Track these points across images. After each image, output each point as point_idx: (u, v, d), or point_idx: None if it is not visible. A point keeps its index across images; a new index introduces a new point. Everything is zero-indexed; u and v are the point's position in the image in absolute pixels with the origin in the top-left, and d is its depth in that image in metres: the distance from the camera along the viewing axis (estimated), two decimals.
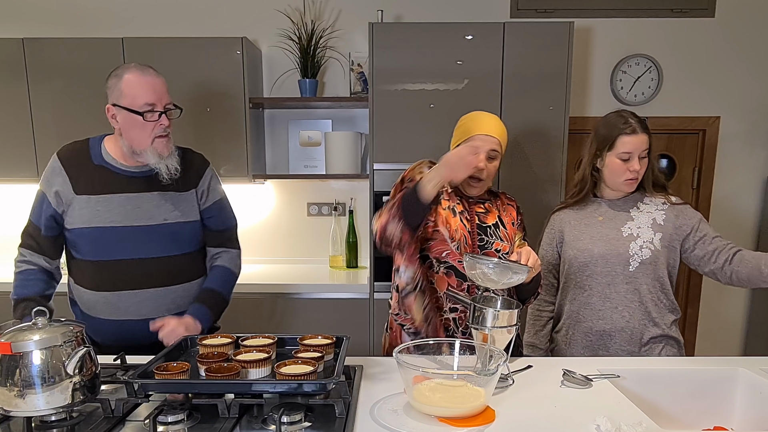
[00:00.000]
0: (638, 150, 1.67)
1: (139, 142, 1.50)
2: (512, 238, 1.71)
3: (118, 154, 1.58)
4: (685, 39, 3.10)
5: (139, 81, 1.47)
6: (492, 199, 1.75)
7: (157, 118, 1.48)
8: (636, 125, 1.67)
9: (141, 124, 1.47)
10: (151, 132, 1.48)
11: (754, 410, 1.42)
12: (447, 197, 1.66)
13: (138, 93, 1.46)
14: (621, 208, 1.77)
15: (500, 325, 1.33)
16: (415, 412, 1.19)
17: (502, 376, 1.36)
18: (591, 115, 3.18)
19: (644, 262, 1.69)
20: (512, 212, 1.76)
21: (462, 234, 1.62)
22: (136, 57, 2.81)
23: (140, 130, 1.48)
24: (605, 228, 1.75)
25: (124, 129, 1.50)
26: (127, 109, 1.46)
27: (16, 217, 3.28)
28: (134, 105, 1.46)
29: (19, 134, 2.88)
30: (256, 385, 1.18)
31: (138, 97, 1.46)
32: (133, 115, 1.46)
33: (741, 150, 3.21)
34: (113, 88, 1.49)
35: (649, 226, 1.72)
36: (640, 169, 1.68)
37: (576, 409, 1.22)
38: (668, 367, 1.48)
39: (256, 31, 3.10)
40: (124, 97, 1.47)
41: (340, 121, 3.20)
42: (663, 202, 1.76)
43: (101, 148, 1.59)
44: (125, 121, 1.48)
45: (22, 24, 3.11)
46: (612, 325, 1.71)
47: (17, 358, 1.06)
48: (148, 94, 1.47)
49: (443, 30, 2.65)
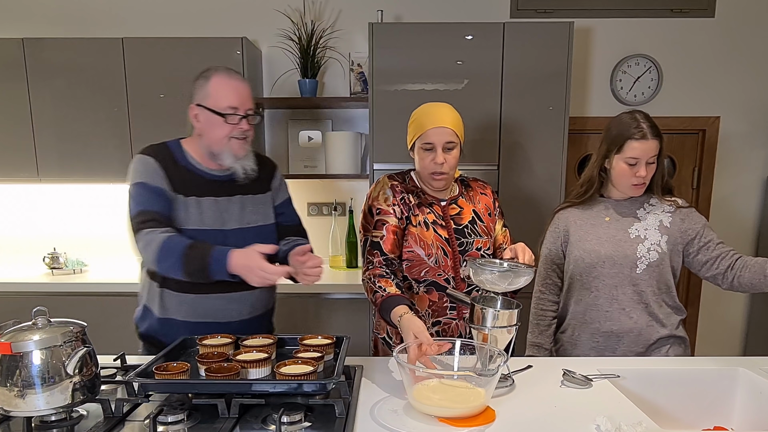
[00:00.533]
0: (646, 156, 1.64)
1: (217, 143, 1.52)
2: (491, 229, 1.71)
3: (198, 156, 1.58)
4: (685, 39, 3.10)
5: (225, 84, 1.50)
6: (465, 192, 1.72)
7: (237, 122, 1.50)
8: (647, 130, 1.63)
9: (221, 125, 1.50)
10: (229, 133, 1.51)
11: (754, 410, 1.42)
12: (417, 212, 1.63)
13: (223, 95, 1.49)
14: (628, 209, 1.75)
15: (500, 325, 1.33)
16: (415, 412, 1.19)
17: (503, 376, 1.36)
18: (591, 115, 3.18)
19: (651, 265, 1.68)
20: (487, 201, 1.74)
21: (439, 245, 1.61)
22: (136, 57, 2.82)
23: (220, 131, 1.50)
24: (612, 229, 1.73)
25: (204, 129, 1.53)
26: (210, 110, 1.49)
27: (16, 217, 3.29)
28: (217, 106, 1.49)
29: (19, 134, 2.88)
30: (256, 385, 1.18)
31: (222, 99, 1.49)
32: (215, 116, 1.49)
33: (741, 150, 3.21)
34: (199, 88, 1.52)
35: (656, 228, 1.70)
36: (646, 174, 1.66)
37: (576, 409, 1.22)
38: (668, 367, 1.48)
39: (256, 31, 3.10)
40: (209, 97, 1.50)
41: (340, 121, 3.20)
42: (670, 205, 1.74)
43: (182, 150, 1.59)
44: (206, 122, 1.51)
45: (22, 24, 3.11)
46: (620, 326, 1.69)
47: (17, 358, 1.06)
48: (232, 97, 1.49)
49: (443, 30, 2.65)
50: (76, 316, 1.29)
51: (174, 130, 1.64)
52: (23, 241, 3.27)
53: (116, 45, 2.81)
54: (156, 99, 2.85)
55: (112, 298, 2.79)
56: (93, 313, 2.70)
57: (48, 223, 3.27)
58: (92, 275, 3.00)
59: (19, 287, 2.82)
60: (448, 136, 1.57)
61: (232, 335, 1.41)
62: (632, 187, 1.69)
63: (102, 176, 2.95)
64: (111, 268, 3.13)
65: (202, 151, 1.56)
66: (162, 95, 2.85)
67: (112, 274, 3.01)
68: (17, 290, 2.81)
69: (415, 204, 1.65)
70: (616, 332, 1.70)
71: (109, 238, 3.28)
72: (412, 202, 1.64)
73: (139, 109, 2.86)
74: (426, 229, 1.62)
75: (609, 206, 1.77)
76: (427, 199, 1.67)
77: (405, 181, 1.70)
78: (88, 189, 3.24)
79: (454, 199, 1.69)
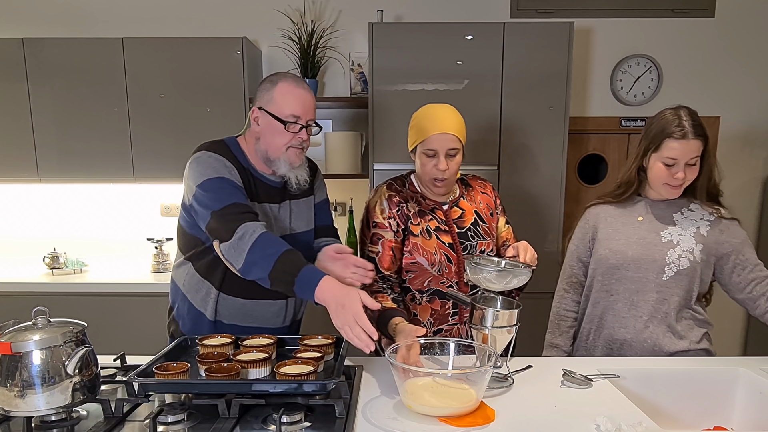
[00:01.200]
0: (685, 157, 1.51)
1: (275, 150, 1.49)
2: (493, 229, 1.69)
3: (253, 159, 1.55)
4: (685, 39, 3.10)
5: (291, 91, 1.47)
6: (465, 192, 1.70)
7: (297, 131, 1.48)
8: (689, 129, 1.50)
9: (281, 132, 1.47)
10: (288, 142, 1.48)
11: (754, 410, 1.42)
12: (417, 221, 1.61)
13: (287, 102, 1.46)
14: (664, 211, 1.63)
15: (500, 325, 1.33)
16: (415, 413, 1.19)
17: (502, 376, 1.36)
18: (591, 115, 3.18)
19: (680, 273, 1.56)
20: (488, 200, 1.71)
21: (443, 252, 1.59)
22: (136, 57, 2.82)
23: (278, 138, 1.48)
24: (644, 230, 1.62)
25: (263, 134, 1.50)
26: (272, 115, 1.46)
27: (16, 217, 3.29)
28: (280, 113, 1.46)
29: (19, 134, 2.88)
30: (256, 385, 1.18)
31: (286, 107, 1.46)
32: (276, 123, 1.46)
33: (741, 150, 3.21)
34: (264, 92, 1.49)
35: (691, 234, 1.58)
36: (685, 177, 1.53)
37: (576, 409, 1.22)
38: (668, 367, 1.48)
39: (256, 31, 3.10)
40: (273, 103, 1.47)
41: (340, 121, 3.20)
42: (711, 213, 1.60)
43: (242, 152, 1.55)
44: (266, 127, 1.48)
45: (22, 24, 3.11)
46: (633, 334, 1.60)
47: (17, 358, 1.06)
48: (296, 105, 1.47)
49: (443, 30, 2.65)
50: (76, 316, 1.28)
51: (174, 130, 1.64)
52: (23, 241, 3.27)
53: (116, 45, 2.81)
54: (156, 99, 2.85)
55: (112, 298, 2.79)
56: (93, 313, 2.71)
57: (48, 223, 3.27)
58: (92, 275, 3.00)
59: (19, 287, 2.82)
60: (451, 143, 1.54)
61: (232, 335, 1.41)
62: (667, 189, 1.57)
63: (102, 176, 2.96)
64: (111, 268, 3.13)
65: (258, 155, 1.53)
66: (162, 95, 2.85)
67: (112, 274, 3.01)
68: (17, 290, 2.81)
69: (415, 212, 1.62)
70: (629, 340, 1.61)
71: (109, 238, 3.28)
72: (411, 211, 1.62)
73: (139, 109, 2.86)
74: (428, 237, 1.60)
75: (645, 206, 1.65)
76: (428, 204, 1.64)
77: (405, 186, 1.67)
78: (88, 189, 3.24)
79: (455, 202, 1.67)
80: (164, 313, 1.70)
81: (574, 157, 3.22)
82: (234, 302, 1.54)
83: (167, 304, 1.69)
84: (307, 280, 1.27)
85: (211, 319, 1.54)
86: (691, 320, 1.62)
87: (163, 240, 3.06)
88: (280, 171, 1.52)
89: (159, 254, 3.04)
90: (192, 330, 1.56)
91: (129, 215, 3.27)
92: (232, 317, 1.54)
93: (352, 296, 1.23)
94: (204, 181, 1.42)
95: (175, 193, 3.24)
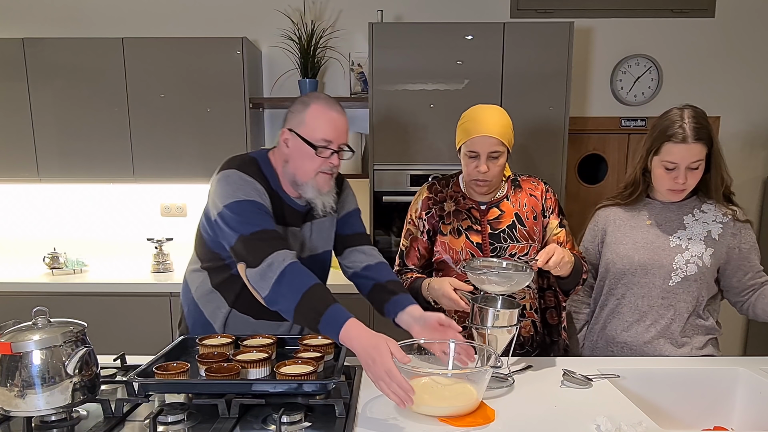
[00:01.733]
0: (685, 161, 1.46)
1: (303, 174, 1.43)
2: (533, 234, 1.62)
3: (282, 180, 1.49)
4: (685, 39, 3.10)
5: (323, 114, 1.41)
6: (512, 194, 1.65)
7: (328, 156, 1.41)
8: (689, 132, 1.44)
9: (311, 157, 1.41)
10: (318, 167, 1.41)
11: (754, 410, 1.42)
12: (450, 220, 1.63)
13: (319, 126, 1.40)
14: (674, 214, 1.58)
15: (500, 325, 1.33)
16: (415, 413, 1.19)
17: (503, 376, 1.36)
18: (591, 115, 3.18)
19: (687, 278, 1.52)
20: (534, 203, 1.63)
21: (468, 251, 1.59)
22: (136, 57, 2.82)
23: (308, 163, 1.41)
24: (652, 234, 1.58)
25: (291, 157, 1.43)
26: (302, 138, 1.40)
27: (16, 217, 3.29)
28: (311, 137, 1.39)
29: (19, 134, 2.88)
30: (256, 385, 1.18)
31: (317, 131, 1.39)
32: (306, 147, 1.40)
33: (741, 150, 3.21)
34: (296, 113, 1.43)
35: (701, 239, 1.53)
36: (686, 182, 1.48)
37: (576, 409, 1.22)
38: (668, 367, 1.48)
39: (256, 31, 3.10)
40: (304, 126, 1.40)
41: None
42: (724, 214, 1.54)
43: (273, 171, 1.48)
44: (296, 150, 1.42)
45: (22, 24, 3.11)
46: (634, 339, 1.59)
47: (17, 358, 1.06)
48: (328, 129, 1.40)
49: (443, 30, 2.65)
50: (76, 316, 1.29)
51: (174, 130, 1.63)
52: (23, 241, 3.28)
53: (116, 45, 2.81)
54: (156, 99, 2.85)
55: (112, 298, 2.79)
56: (93, 313, 2.71)
57: (48, 223, 3.27)
58: (92, 275, 3.00)
59: (19, 287, 2.82)
60: (494, 146, 1.52)
61: (232, 335, 1.41)
62: (670, 193, 1.54)
63: (102, 176, 2.96)
64: (111, 268, 3.13)
65: (285, 177, 1.47)
66: (162, 95, 2.85)
67: (112, 274, 3.01)
68: (17, 290, 2.81)
69: (450, 211, 1.64)
70: (630, 344, 1.60)
71: (109, 238, 3.28)
72: (446, 210, 1.64)
73: (139, 109, 2.86)
74: (456, 237, 1.61)
75: (654, 209, 1.61)
76: (465, 204, 1.64)
77: (449, 185, 1.68)
78: (88, 189, 3.24)
79: (496, 203, 1.63)
80: (164, 313, 1.70)
81: (574, 157, 3.22)
82: (245, 320, 1.53)
83: (167, 304, 1.69)
84: (333, 320, 1.22)
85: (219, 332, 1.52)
86: (696, 327, 1.59)
87: (163, 240, 3.05)
88: (307, 195, 1.46)
89: (159, 254, 3.04)
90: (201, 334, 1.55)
91: (129, 215, 3.27)
92: (239, 332, 1.51)
93: (382, 350, 1.15)
94: (233, 203, 1.36)
95: (175, 193, 3.24)
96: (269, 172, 1.47)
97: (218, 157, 2.99)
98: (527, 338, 1.63)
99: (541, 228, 1.64)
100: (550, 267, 1.36)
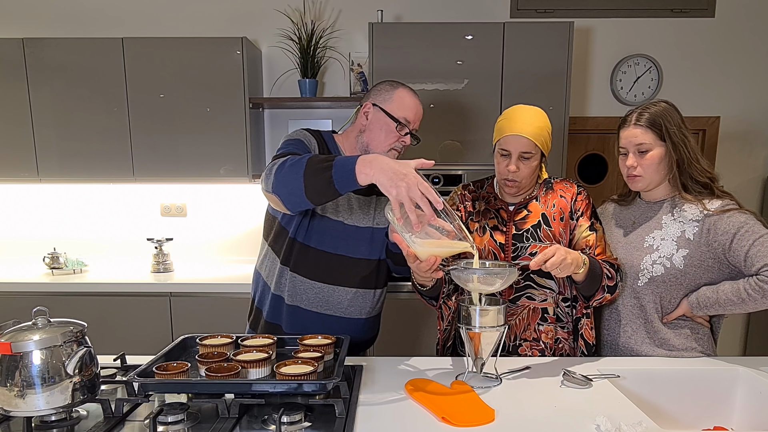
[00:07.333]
0: (630, 145, 1.51)
1: (377, 145, 1.55)
2: (560, 234, 1.59)
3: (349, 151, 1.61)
4: (685, 39, 3.10)
5: (409, 98, 1.57)
6: (543, 195, 1.63)
7: (404, 134, 1.56)
8: (632, 118, 1.51)
9: (389, 131, 1.55)
10: (392, 143, 1.55)
11: (754, 410, 1.42)
12: (478, 218, 1.64)
13: (404, 105, 1.55)
14: (656, 213, 1.58)
15: (486, 324, 1.31)
16: (415, 412, 1.19)
17: (491, 375, 1.37)
18: (591, 115, 3.18)
19: (654, 279, 1.52)
20: (563, 204, 1.60)
21: (490, 250, 1.59)
22: (136, 57, 2.82)
23: (384, 135, 1.55)
24: (633, 234, 1.60)
25: (370, 127, 1.56)
26: (386, 113, 1.54)
27: (16, 217, 3.29)
28: (395, 112, 1.54)
29: (19, 134, 2.89)
30: (256, 385, 1.18)
31: (402, 109, 1.55)
32: (389, 120, 1.54)
33: (741, 150, 3.21)
34: (383, 91, 1.57)
35: (674, 239, 1.51)
36: (632, 165, 1.52)
37: (576, 409, 1.22)
38: (668, 367, 1.48)
39: (256, 31, 3.10)
40: (390, 102, 1.55)
41: (340, 121, 3.20)
42: (701, 211, 1.49)
43: (336, 145, 1.62)
44: (376, 122, 1.55)
45: (22, 24, 3.11)
46: (613, 338, 1.61)
47: (17, 358, 1.06)
48: (410, 112, 1.56)
49: (443, 30, 2.65)
50: (76, 316, 1.28)
51: (174, 130, 1.64)
52: (23, 241, 3.28)
53: (116, 45, 2.81)
54: (156, 99, 2.85)
55: (112, 298, 2.79)
56: (93, 313, 2.71)
57: (48, 223, 3.27)
58: (92, 275, 3.00)
59: (19, 287, 2.82)
60: (525, 146, 1.52)
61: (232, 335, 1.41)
62: (628, 180, 1.58)
63: (102, 176, 2.96)
64: (111, 268, 3.13)
65: (357, 147, 1.59)
66: (162, 95, 2.85)
67: (112, 274, 3.01)
68: (17, 290, 2.81)
69: (480, 210, 1.65)
70: (610, 343, 1.62)
71: (109, 238, 3.28)
72: (476, 209, 1.65)
73: (139, 109, 2.86)
74: (481, 235, 1.62)
75: (639, 208, 1.63)
76: (495, 204, 1.65)
77: (482, 187, 1.70)
78: (88, 189, 3.24)
79: (525, 204, 1.63)
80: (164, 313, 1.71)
81: (574, 157, 3.23)
82: (306, 285, 1.57)
83: (167, 304, 1.70)
84: (345, 161, 1.24)
85: (290, 303, 1.57)
86: (674, 328, 1.56)
87: (163, 240, 3.06)
88: None
89: (159, 254, 3.04)
90: (273, 316, 1.61)
91: (129, 215, 3.27)
92: (309, 303, 1.57)
93: (408, 162, 1.20)
94: (282, 142, 1.53)
95: (175, 193, 3.25)
96: (332, 143, 1.61)
97: (218, 157, 3.03)
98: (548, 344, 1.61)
99: (569, 230, 1.61)
100: (548, 268, 1.34)
